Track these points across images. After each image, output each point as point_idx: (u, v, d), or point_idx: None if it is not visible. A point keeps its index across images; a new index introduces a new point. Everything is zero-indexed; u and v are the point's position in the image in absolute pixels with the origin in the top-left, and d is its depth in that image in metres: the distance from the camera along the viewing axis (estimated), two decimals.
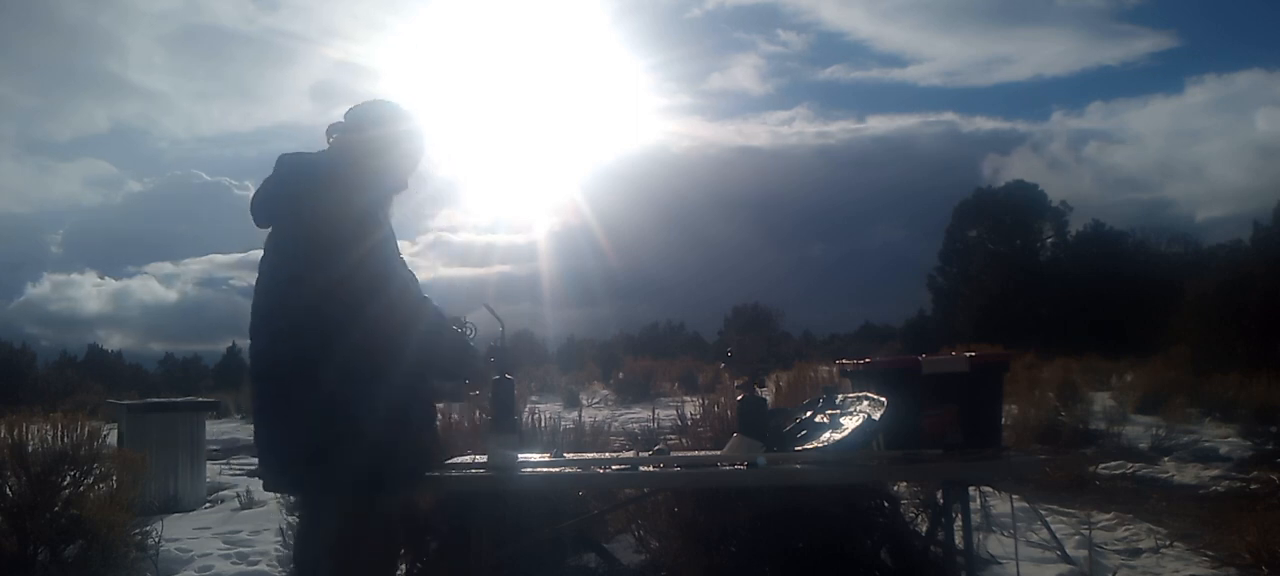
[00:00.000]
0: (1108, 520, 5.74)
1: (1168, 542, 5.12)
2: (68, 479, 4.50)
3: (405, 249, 2.93)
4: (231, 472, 9.19)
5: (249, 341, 2.69)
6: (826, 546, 3.88)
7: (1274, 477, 7.05)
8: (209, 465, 8.16)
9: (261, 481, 2.75)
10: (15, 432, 4.45)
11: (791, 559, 3.89)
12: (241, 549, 5.18)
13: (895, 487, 4.25)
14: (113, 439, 6.30)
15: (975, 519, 3.96)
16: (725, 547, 3.97)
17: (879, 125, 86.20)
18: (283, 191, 2.64)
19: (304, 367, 2.49)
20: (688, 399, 11.68)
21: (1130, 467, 7.87)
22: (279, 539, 4.48)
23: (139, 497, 4.98)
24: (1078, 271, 40.07)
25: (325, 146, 2.81)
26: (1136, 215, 79.60)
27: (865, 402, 3.43)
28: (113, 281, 75.59)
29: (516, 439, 3.30)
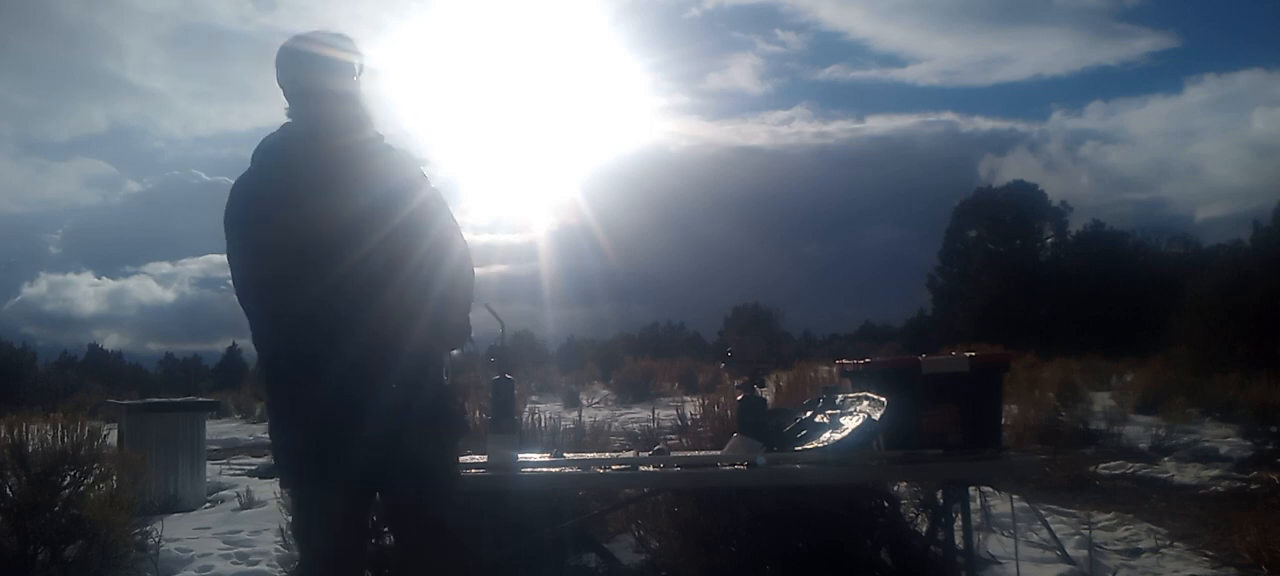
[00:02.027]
0: (1108, 520, 5.74)
1: (1168, 542, 5.12)
2: (68, 479, 4.50)
3: None
4: (231, 472, 9.18)
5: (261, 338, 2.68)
6: (826, 546, 3.88)
7: (1274, 477, 7.05)
8: (209, 465, 8.16)
9: (279, 479, 2.75)
10: (15, 432, 4.45)
11: (791, 559, 3.88)
12: (241, 549, 5.18)
13: (895, 487, 4.25)
14: (113, 439, 6.30)
15: (975, 519, 3.96)
16: (725, 547, 3.97)
17: (878, 125, 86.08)
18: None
19: (310, 364, 2.49)
20: (688, 399, 11.69)
21: (1130, 467, 7.87)
22: (279, 539, 4.48)
23: (139, 497, 4.99)
24: (1078, 271, 40.08)
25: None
26: (1136, 215, 79.76)
27: (865, 402, 3.43)
28: (109, 281, 75.50)
29: (516, 439, 3.29)
